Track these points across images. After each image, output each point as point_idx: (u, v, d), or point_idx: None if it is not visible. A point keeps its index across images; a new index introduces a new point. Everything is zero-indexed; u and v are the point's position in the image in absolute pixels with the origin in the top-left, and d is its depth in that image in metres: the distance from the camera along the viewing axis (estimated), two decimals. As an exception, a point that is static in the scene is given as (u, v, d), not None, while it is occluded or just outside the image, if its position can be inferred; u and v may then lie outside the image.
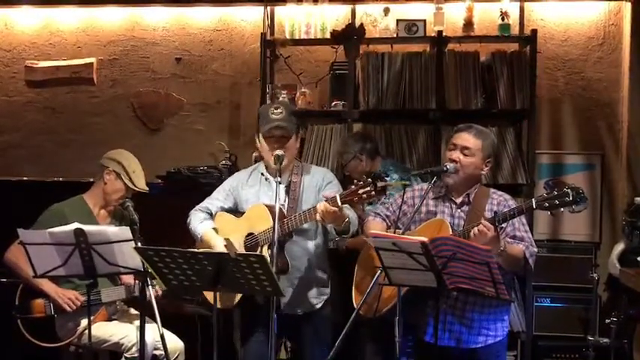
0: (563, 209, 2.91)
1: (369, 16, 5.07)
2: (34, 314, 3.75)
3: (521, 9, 4.98)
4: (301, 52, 5.25)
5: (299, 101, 4.96)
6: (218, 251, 3.28)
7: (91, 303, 3.51)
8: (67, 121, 5.52)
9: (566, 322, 4.75)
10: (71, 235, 3.13)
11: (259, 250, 3.36)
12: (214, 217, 3.59)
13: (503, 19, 4.85)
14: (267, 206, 3.36)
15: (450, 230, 3.17)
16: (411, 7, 5.10)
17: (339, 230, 3.30)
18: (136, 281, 3.60)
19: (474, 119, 3.76)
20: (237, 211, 3.58)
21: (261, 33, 5.00)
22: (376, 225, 3.46)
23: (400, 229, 3.29)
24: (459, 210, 3.28)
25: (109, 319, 3.84)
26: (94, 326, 3.47)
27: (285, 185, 3.46)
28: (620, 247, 4.68)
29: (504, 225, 3.12)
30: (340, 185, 3.52)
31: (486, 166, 3.29)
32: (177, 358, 3.73)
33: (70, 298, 3.71)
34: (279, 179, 3.24)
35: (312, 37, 5.02)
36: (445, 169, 3.23)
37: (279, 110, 3.43)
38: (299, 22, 5.01)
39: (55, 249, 3.16)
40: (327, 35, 4.96)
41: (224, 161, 5.11)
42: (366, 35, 4.91)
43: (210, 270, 2.85)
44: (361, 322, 3.30)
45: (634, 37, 4.97)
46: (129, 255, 3.14)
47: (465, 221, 3.22)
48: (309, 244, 3.47)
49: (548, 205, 2.94)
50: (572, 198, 2.89)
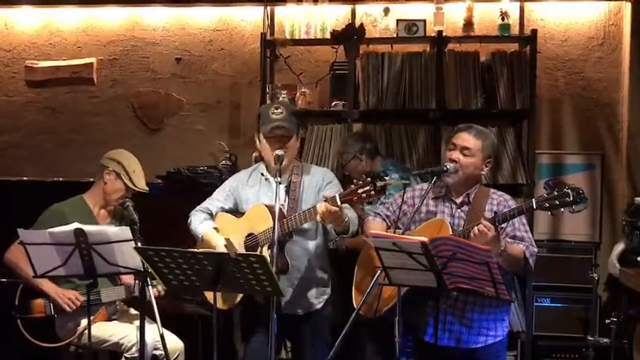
0: (563, 209, 2.91)
1: (369, 16, 5.07)
2: (34, 314, 3.75)
3: (521, 9, 4.98)
4: (301, 52, 5.25)
5: (299, 101, 4.95)
6: (218, 251, 3.28)
7: (91, 303, 3.51)
8: (67, 121, 5.52)
9: (566, 322, 4.75)
10: (71, 235, 3.13)
11: (259, 251, 3.35)
12: (215, 217, 3.59)
13: (503, 19, 4.84)
14: (267, 206, 3.36)
15: (450, 230, 3.17)
16: (411, 7, 5.10)
17: (339, 230, 3.31)
18: (136, 281, 3.60)
19: (474, 119, 3.76)
20: (237, 212, 3.58)
21: (261, 33, 5.00)
22: (376, 225, 3.46)
23: (400, 229, 3.29)
24: (459, 210, 3.28)
25: (108, 319, 3.84)
26: (93, 326, 3.47)
27: (285, 185, 3.46)
28: (620, 247, 4.68)
29: (504, 225, 3.12)
30: (340, 185, 3.52)
31: (486, 167, 3.29)
32: (177, 358, 3.73)
33: (70, 298, 3.71)
34: (279, 179, 3.25)
35: (312, 37, 5.02)
36: (445, 169, 3.23)
37: (279, 110, 3.43)
38: (299, 22, 5.01)
39: (55, 249, 3.16)
40: (327, 35, 4.96)
41: (224, 161, 5.11)
42: (366, 35, 4.90)
43: (210, 270, 2.85)
44: (361, 322, 3.29)
45: (634, 37, 4.97)
46: (129, 255, 3.14)
47: (465, 221, 3.22)
48: (309, 244, 3.47)
49: (548, 206, 2.94)
50: (572, 198, 2.89)
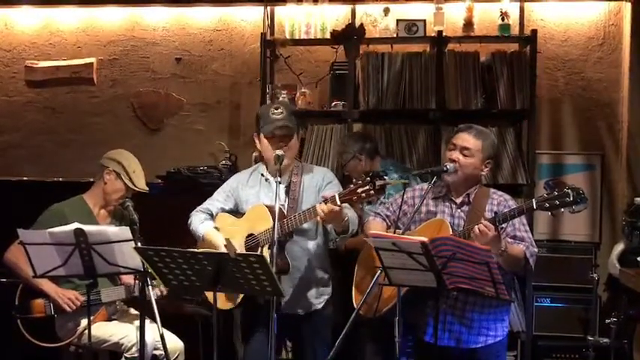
0: (563, 209, 2.91)
1: (369, 16, 5.07)
2: (34, 314, 3.74)
3: (521, 9, 4.97)
4: (301, 52, 5.25)
5: (299, 101, 4.95)
6: (218, 251, 3.28)
7: (91, 303, 3.51)
8: (67, 121, 5.52)
9: (566, 322, 4.75)
10: (71, 235, 3.12)
11: (260, 251, 3.35)
12: (215, 217, 3.59)
13: (503, 19, 4.84)
14: (267, 206, 3.36)
15: (450, 230, 3.17)
16: (411, 7, 5.10)
17: (338, 230, 3.31)
18: (136, 281, 3.60)
19: (474, 119, 3.77)
20: (237, 212, 3.58)
21: (261, 33, 4.99)
22: (376, 225, 3.46)
23: (400, 229, 3.29)
24: (459, 210, 3.28)
25: (108, 319, 3.84)
26: (93, 326, 3.47)
27: (285, 185, 3.46)
28: (620, 247, 4.68)
29: (504, 225, 3.12)
30: (340, 185, 3.52)
31: (486, 167, 3.29)
32: (177, 358, 3.73)
33: (70, 298, 3.71)
34: (279, 179, 3.25)
35: (312, 37, 5.02)
36: (445, 169, 3.23)
37: (279, 110, 3.43)
38: (299, 22, 5.01)
39: (55, 249, 3.16)
40: (327, 35, 4.96)
41: (224, 161, 5.11)
42: (366, 35, 4.90)
43: (210, 270, 2.85)
44: (361, 322, 3.30)
45: (634, 37, 4.97)
46: (129, 255, 3.13)
47: (465, 221, 3.22)
48: (309, 244, 3.46)
49: (548, 206, 2.94)
50: (572, 198, 2.89)
